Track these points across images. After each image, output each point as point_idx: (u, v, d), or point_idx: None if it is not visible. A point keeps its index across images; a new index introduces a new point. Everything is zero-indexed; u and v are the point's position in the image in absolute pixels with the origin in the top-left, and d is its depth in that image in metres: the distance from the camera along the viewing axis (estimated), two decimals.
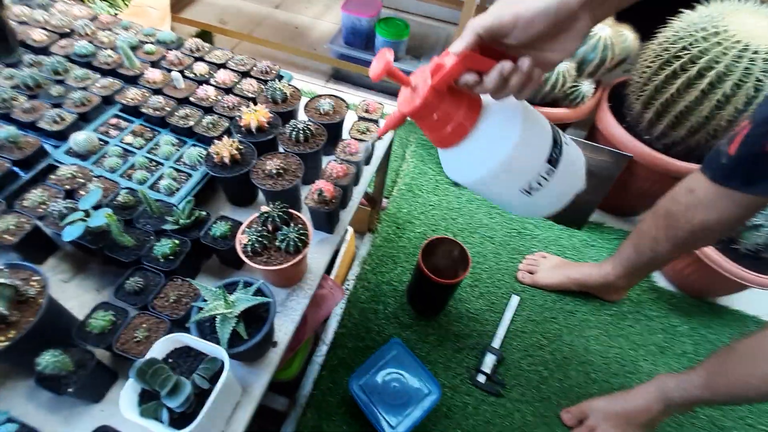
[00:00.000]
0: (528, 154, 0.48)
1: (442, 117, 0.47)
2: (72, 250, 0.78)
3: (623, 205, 1.44)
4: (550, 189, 0.51)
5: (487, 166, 0.48)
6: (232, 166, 0.79)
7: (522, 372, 1.12)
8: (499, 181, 0.50)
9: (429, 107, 0.46)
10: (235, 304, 0.59)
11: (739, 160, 0.76)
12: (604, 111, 1.28)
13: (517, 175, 0.49)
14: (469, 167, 0.50)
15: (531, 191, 0.50)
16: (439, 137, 0.50)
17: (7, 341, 0.53)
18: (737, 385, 0.80)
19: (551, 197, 0.53)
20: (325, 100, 0.91)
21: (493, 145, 0.48)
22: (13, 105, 0.88)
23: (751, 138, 0.72)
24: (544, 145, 0.49)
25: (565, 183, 0.53)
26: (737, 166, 0.77)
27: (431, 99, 0.45)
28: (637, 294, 1.29)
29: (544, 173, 0.49)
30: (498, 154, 0.48)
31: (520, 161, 0.48)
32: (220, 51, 1.06)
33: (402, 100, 0.49)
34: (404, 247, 1.33)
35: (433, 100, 0.46)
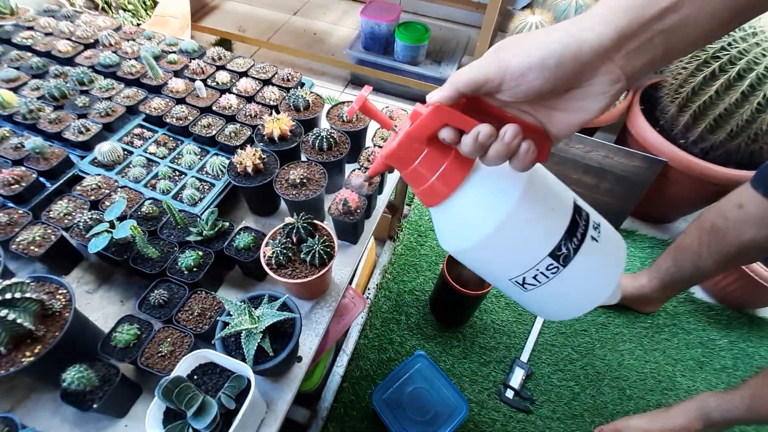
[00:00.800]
0: (521, 237, 0.38)
1: (423, 169, 0.39)
2: (97, 261, 0.78)
3: (656, 212, 1.37)
4: (555, 291, 0.40)
5: (467, 239, 0.39)
6: (254, 175, 0.78)
7: (552, 387, 1.07)
8: (483, 262, 0.41)
9: (405, 155, 0.39)
10: (261, 320, 0.57)
11: None
12: (636, 114, 1.23)
13: (504, 262, 0.40)
14: (451, 235, 0.42)
15: (525, 286, 0.40)
16: (420, 193, 0.41)
17: (32, 356, 0.52)
18: None
19: (557, 302, 0.42)
20: (348, 108, 0.89)
21: (478, 214, 0.39)
22: (40, 116, 0.89)
23: None
24: (550, 233, 0.38)
25: (581, 288, 0.41)
26: None
27: (406, 146, 0.38)
28: (673, 306, 1.23)
29: (544, 269, 0.38)
30: (481, 228, 0.38)
31: (509, 244, 0.39)
32: (242, 59, 1.06)
33: (386, 143, 0.43)
34: (426, 255, 1.30)
35: (409, 148, 0.38)
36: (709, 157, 1.14)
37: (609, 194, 1.26)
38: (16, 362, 0.51)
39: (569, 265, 0.38)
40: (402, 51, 1.66)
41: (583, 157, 1.22)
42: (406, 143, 0.38)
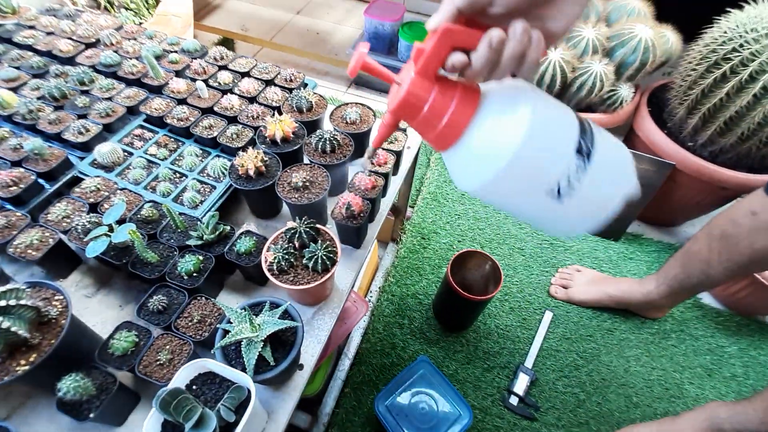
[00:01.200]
0: (546, 144, 0.39)
1: (434, 111, 0.39)
2: (96, 265, 0.76)
3: (663, 216, 1.35)
4: (588, 191, 0.39)
5: (494, 166, 0.38)
6: (256, 178, 0.76)
7: (557, 394, 1.06)
8: (515, 182, 0.40)
9: (414, 100, 0.39)
10: (262, 328, 0.56)
11: None
12: (644, 116, 1.21)
13: (537, 174, 0.39)
14: (474, 170, 0.41)
15: (561, 194, 0.39)
16: (434, 137, 0.41)
17: (27, 365, 0.50)
18: None
19: (592, 202, 0.41)
20: (352, 109, 0.88)
21: (499, 139, 0.39)
22: (39, 116, 0.87)
23: None
24: (568, 133, 0.39)
25: (607, 182, 0.41)
26: None
27: (416, 89, 0.38)
28: (681, 311, 1.21)
29: (574, 168, 0.38)
30: (507, 149, 0.38)
31: (538, 153, 0.38)
32: (244, 59, 1.04)
33: (390, 98, 0.42)
34: (429, 259, 1.29)
35: (420, 90, 0.38)
36: (718, 160, 1.12)
37: None
38: (10, 371, 0.50)
39: (592, 160, 0.39)
40: (406, 51, 1.64)
41: None
42: (418, 83, 0.38)
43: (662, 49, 1.12)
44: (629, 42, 1.10)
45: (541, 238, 1.34)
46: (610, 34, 1.13)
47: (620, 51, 1.12)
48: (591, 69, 1.12)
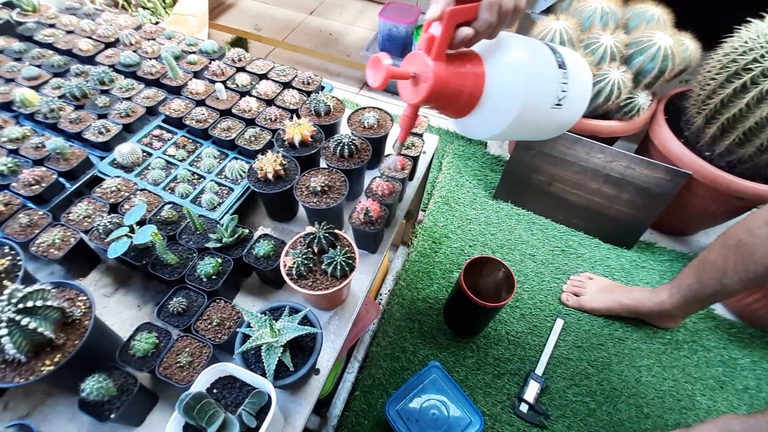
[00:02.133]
0: (543, 71, 0.48)
1: (455, 87, 0.46)
2: (114, 265, 0.77)
3: (677, 225, 1.34)
4: (574, 90, 0.50)
5: (516, 104, 0.46)
6: (275, 181, 0.77)
7: (567, 402, 1.05)
8: (533, 107, 0.47)
9: (440, 85, 0.44)
10: (282, 333, 0.56)
11: None
12: (660, 125, 1.20)
13: (544, 95, 0.48)
14: (498, 117, 0.48)
15: (561, 102, 0.49)
16: (457, 108, 0.48)
17: (52, 365, 0.51)
18: None
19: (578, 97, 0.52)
20: (370, 113, 0.88)
21: (511, 83, 0.46)
22: (60, 115, 0.88)
23: None
24: (548, 56, 0.49)
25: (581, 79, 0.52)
26: None
27: (439, 75, 0.43)
28: (693, 322, 1.20)
29: (562, 79, 0.48)
30: (520, 87, 0.46)
31: (542, 81, 0.47)
32: (262, 61, 1.05)
33: (407, 93, 0.47)
34: (441, 263, 1.28)
35: (441, 75, 0.44)
36: (735, 170, 1.11)
37: (629, 205, 1.23)
38: (35, 371, 0.51)
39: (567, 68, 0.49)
40: None
41: (604, 167, 1.19)
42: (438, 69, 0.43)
43: (681, 57, 1.11)
44: (648, 50, 1.09)
45: (552, 244, 1.34)
46: (629, 41, 1.12)
47: (639, 58, 1.11)
48: (608, 76, 1.11)
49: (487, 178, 1.50)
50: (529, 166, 1.30)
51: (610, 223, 1.29)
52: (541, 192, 1.34)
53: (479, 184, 1.48)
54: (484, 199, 1.44)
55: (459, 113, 0.49)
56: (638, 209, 1.22)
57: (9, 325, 0.48)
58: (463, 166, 1.54)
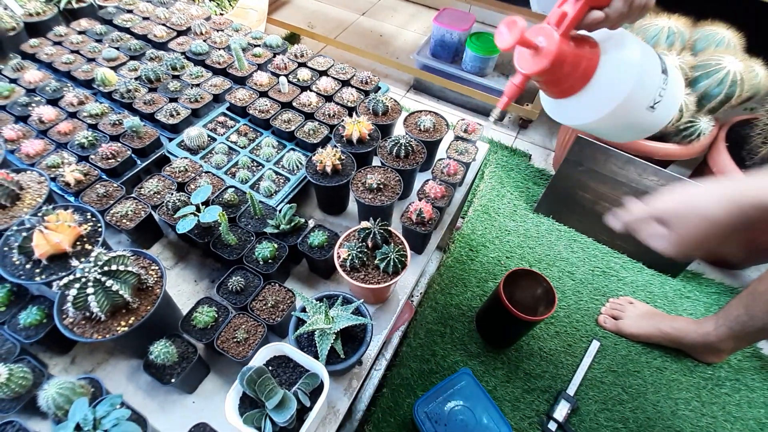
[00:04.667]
0: (650, 71, 0.49)
1: (572, 67, 0.47)
2: (176, 240, 0.82)
3: (729, 258, 1.29)
4: (668, 98, 0.51)
5: (619, 96, 0.48)
6: (332, 175, 0.79)
7: (598, 426, 1.03)
8: (630, 105, 0.48)
9: (560, 60, 0.46)
10: (335, 321, 0.58)
11: None
12: (721, 151, 1.16)
13: (645, 94, 0.49)
14: (597, 105, 0.49)
15: (655, 106, 0.50)
16: (565, 88, 0.50)
17: (126, 326, 0.55)
18: None
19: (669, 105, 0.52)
20: (426, 117, 0.89)
21: (621, 74, 0.48)
22: (136, 96, 0.94)
23: None
24: (656, 60, 0.50)
25: (676, 90, 0.53)
26: None
27: (562, 50, 0.45)
28: (738, 359, 1.15)
29: (662, 85, 0.49)
30: (628, 81, 0.47)
31: (647, 80, 0.48)
32: (322, 58, 1.08)
33: (525, 62, 0.48)
34: (476, 271, 1.28)
35: (564, 51, 0.45)
36: None
37: None
38: (111, 330, 0.54)
39: (669, 74, 0.50)
40: (471, 61, 1.64)
41: (656, 190, 1.16)
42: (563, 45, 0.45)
43: (750, 83, 1.07)
44: (715, 74, 1.05)
45: (593, 264, 1.31)
46: (695, 63, 1.09)
47: (704, 82, 1.07)
48: None
49: (529, 191, 1.49)
50: (576, 182, 1.28)
51: None
52: (585, 210, 1.32)
53: (521, 196, 1.47)
54: (524, 212, 1.43)
55: (563, 93, 0.51)
56: None
57: (95, 285, 0.52)
58: (506, 177, 1.53)
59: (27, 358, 0.59)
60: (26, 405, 0.56)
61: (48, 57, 1.02)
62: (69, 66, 1.00)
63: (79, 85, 0.98)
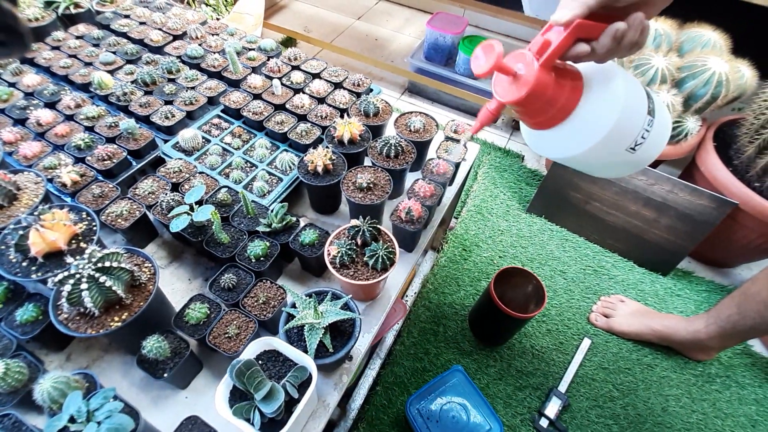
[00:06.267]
0: (634, 111, 0.46)
1: (551, 99, 0.45)
2: (170, 239, 0.83)
3: (719, 255, 1.30)
4: (651, 140, 0.48)
5: (598, 134, 0.45)
6: (323, 175, 0.81)
7: (589, 423, 1.04)
8: (609, 144, 0.46)
9: (539, 91, 0.43)
10: (324, 316, 0.60)
11: None
12: (708, 151, 1.18)
13: (626, 135, 0.47)
14: (576, 140, 0.47)
15: (636, 148, 0.48)
16: (543, 120, 0.47)
17: (120, 322, 0.56)
18: None
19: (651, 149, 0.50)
20: (417, 118, 0.91)
21: (603, 111, 0.45)
22: (132, 99, 0.96)
23: None
24: (643, 99, 0.47)
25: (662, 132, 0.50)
26: None
27: (541, 82, 0.42)
28: (728, 357, 1.16)
29: (647, 126, 0.47)
30: (610, 119, 0.44)
31: (629, 120, 0.46)
32: (315, 61, 1.10)
33: (502, 89, 0.45)
34: (469, 271, 1.30)
35: (543, 82, 0.43)
36: None
37: (669, 231, 1.20)
38: (105, 325, 0.56)
39: (655, 116, 0.47)
40: (464, 64, 1.67)
41: (645, 190, 1.18)
42: (543, 76, 0.43)
43: (736, 84, 1.09)
44: (701, 74, 1.07)
45: (584, 263, 1.32)
46: (682, 64, 1.11)
47: (691, 83, 1.09)
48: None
49: (522, 191, 1.50)
50: (567, 182, 1.29)
51: (647, 247, 1.27)
52: (576, 210, 1.33)
53: (513, 197, 1.49)
54: (517, 212, 1.44)
55: (541, 125, 0.49)
56: (678, 236, 1.20)
57: (88, 281, 0.53)
58: (499, 178, 1.54)
59: (23, 353, 0.60)
60: (22, 399, 0.57)
61: (46, 61, 1.04)
62: (67, 70, 1.02)
63: (77, 88, 1.00)
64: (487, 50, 0.41)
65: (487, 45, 0.42)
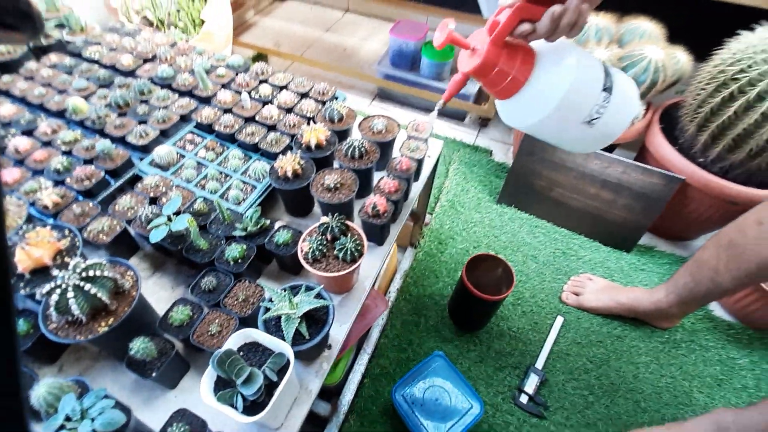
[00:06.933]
0: (585, 87, 0.51)
1: (502, 70, 0.51)
2: (151, 251, 0.87)
3: (676, 229, 1.39)
4: (609, 116, 0.53)
5: (549, 106, 0.51)
6: (293, 179, 0.86)
7: (566, 395, 1.10)
8: (562, 116, 0.52)
9: (490, 63, 0.50)
10: (299, 306, 0.64)
11: None
12: (655, 133, 1.26)
13: (578, 108, 0.52)
14: (532, 110, 0.53)
15: (592, 122, 0.53)
16: (500, 90, 0.54)
17: (106, 327, 0.60)
18: None
19: (611, 125, 0.55)
20: (379, 120, 0.97)
21: (552, 85, 0.51)
22: (106, 121, 1.00)
23: None
24: (598, 77, 0.52)
25: (622, 109, 0.55)
26: None
27: (491, 54, 0.50)
28: (691, 322, 1.24)
29: (602, 102, 0.52)
30: (558, 92, 0.50)
31: (579, 95, 0.51)
32: (282, 74, 1.16)
33: (463, 62, 0.54)
34: (446, 263, 1.36)
35: (493, 55, 0.50)
36: (729, 176, 1.16)
37: (627, 210, 1.29)
38: (93, 331, 0.60)
39: (613, 94, 0.52)
40: (428, 68, 1.74)
41: (601, 173, 1.26)
42: (492, 50, 0.50)
43: (673, 69, 1.18)
44: (640, 62, 1.16)
45: (554, 246, 1.40)
46: (622, 54, 1.20)
47: (631, 71, 1.18)
48: None
49: (492, 184, 1.58)
50: (531, 171, 1.37)
51: (609, 226, 1.35)
52: (543, 197, 1.41)
53: (484, 190, 1.56)
54: (488, 204, 1.51)
55: (500, 95, 0.55)
56: (635, 213, 1.28)
57: (75, 290, 0.57)
58: (469, 172, 1.61)
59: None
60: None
61: (21, 92, 1.07)
62: (41, 98, 1.05)
63: (52, 115, 1.04)
64: (442, 27, 0.50)
65: (443, 23, 0.51)
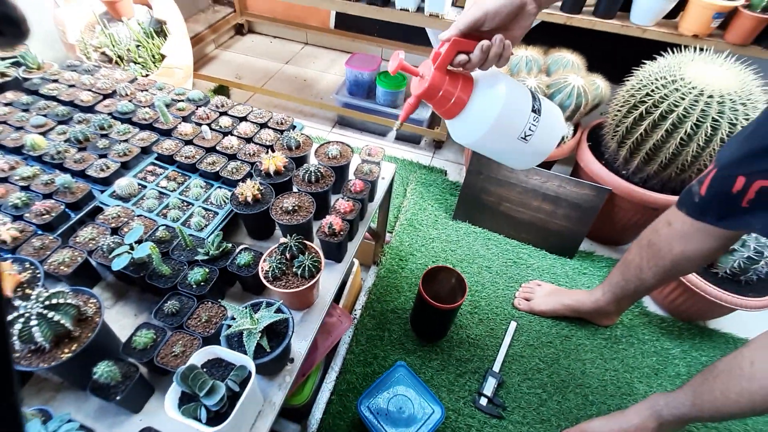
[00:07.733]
0: (516, 107, 0.61)
1: (447, 91, 0.60)
2: (114, 281, 0.89)
3: (610, 235, 1.54)
4: (541, 133, 0.63)
5: (487, 124, 0.60)
6: (253, 204, 0.91)
7: (522, 395, 1.18)
8: (499, 132, 0.61)
9: (435, 86, 0.59)
10: (259, 321, 0.69)
11: (710, 200, 0.85)
12: (584, 150, 1.42)
13: (512, 124, 0.61)
14: (473, 128, 0.62)
15: (527, 138, 0.62)
16: (447, 110, 0.63)
17: (70, 353, 0.62)
18: (719, 401, 0.85)
19: (543, 141, 0.64)
20: (333, 146, 1.05)
21: (489, 106, 0.60)
22: (66, 156, 1.02)
23: (717, 181, 0.82)
24: (526, 100, 0.62)
25: (551, 128, 0.65)
26: (708, 205, 0.86)
27: (436, 79, 0.59)
28: (629, 319, 1.36)
29: (532, 121, 0.62)
30: (494, 112, 0.59)
31: (512, 114, 0.60)
32: (241, 106, 1.22)
33: (415, 86, 0.63)
34: (407, 278, 1.43)
35: (438, 80, 0.59)
36: (648, 185, 1.32)
37: (565, 219, 1.42)
38: (56, 357, 0.62)
39: (541, 115, 0.63)
40: (383, 96, 1.86)
41: (540, 187, 1.39)
42: (437, 76, 0.59)
43: (593, 93, 1.34)
44: (565, 89, 1.32)
45: (506, 257, 1.50)
46: (550, 82, 1.36)
47: (558, 96, 1.34)
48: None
49: (447, 202, 1.68)
50: (480, 188, 1.49)
51: (553, 235, 1.48)
52: (493, 211, 1.52)
53: (440, 207, 1.66)
54: (444, 220, 1.61)
55: (447, 115, 0.64)
56: (573, 222, 1.41)
57: (38, 317, 0.59)
58: (426, 192, 1.72)
59: None
60: None
61: None
62: None
63: (9, 152, 1.05)
64: (394, 57, 0.61)
65: (395, 54, 0.61)
